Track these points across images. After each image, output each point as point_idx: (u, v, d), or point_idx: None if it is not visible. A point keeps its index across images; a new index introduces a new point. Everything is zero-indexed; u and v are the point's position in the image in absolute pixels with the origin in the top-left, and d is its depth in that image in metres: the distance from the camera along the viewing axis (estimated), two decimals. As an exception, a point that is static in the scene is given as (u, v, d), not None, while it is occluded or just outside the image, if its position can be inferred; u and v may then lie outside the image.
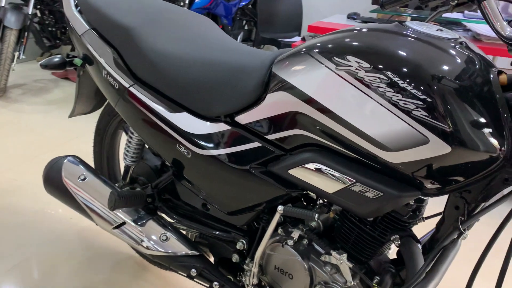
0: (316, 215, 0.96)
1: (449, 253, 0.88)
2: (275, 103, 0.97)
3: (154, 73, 1.17)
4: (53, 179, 1.40)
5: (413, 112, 0.77)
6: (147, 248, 1.25)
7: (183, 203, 1.30)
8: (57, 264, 1.71)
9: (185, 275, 1.23)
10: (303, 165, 0.94)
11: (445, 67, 0.77)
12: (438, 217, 0.97)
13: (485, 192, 0.86)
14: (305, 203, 1.15)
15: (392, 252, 1.09)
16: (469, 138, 0.75)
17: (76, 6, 1.39)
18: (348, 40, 0.86)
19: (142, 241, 1.26)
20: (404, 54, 0.79)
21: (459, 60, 0.79)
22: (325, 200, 1.12)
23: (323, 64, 0.87)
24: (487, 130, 0.75)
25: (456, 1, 0.96)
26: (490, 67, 0.82)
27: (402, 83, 0.77)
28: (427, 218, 0.99)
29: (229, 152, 1.07)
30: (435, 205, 1.09)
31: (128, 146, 1.38)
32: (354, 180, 0.87)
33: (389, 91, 0.78)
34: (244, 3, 3.99)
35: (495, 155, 0.76)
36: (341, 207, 0.96)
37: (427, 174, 0.81)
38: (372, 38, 0.84)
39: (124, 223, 1.28)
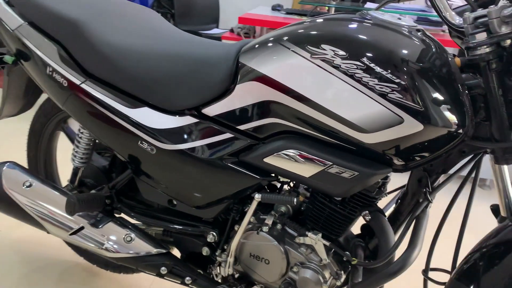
0: (295, 199, 1.00)
1: (423, 221, 0.97)
2: (245, 94, 0.98)
3: (109, 68, 1.11)
4: (-9, 189, 1.27)
5: (389, 95, 0.83)
6: (111, 251, 1.19)
7: (145, 202, 1.27)
8: (-7, 282, 1.56)
9: (155, 274, 1.20)
10: (279, 152, 0.97)
11: (413, 53, 0.84)
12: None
13: (445, 165, 0.96)
14: (268, 190, 1.18)
15: (354, 228, 1.16)
16: (438, 116, 0.83)
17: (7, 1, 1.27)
18: (320, 29, 0.90)
19: (104, 244, 1.20)
20: (378, 41, 0.84)
21: (423, 46, 0.86)
22: (291, 186, 1.16)
23: (297, 53, 0.90)
24: (451, 108, 0.84)
25: (404, -9, 1.04)
26: (445, 51, 0.91)
27: (377, 69, 0.83)
28: (389, 192, 1.07)
29: (198, 145, 1.06)
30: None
31: (77, 147, 1.30)
32: (331, 163, 0.92)
33: (365, 77, 0.83)
34: (155, -2, 3.89)
35: (458, 131, 0.85)
36: (317, 190, 1.01)
37: (399, 152, 0.88)
38: (343, 27, 0.89)
39: (82, 227, 1.21)
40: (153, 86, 1.08)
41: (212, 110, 1.04)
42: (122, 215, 1.29)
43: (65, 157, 1.53)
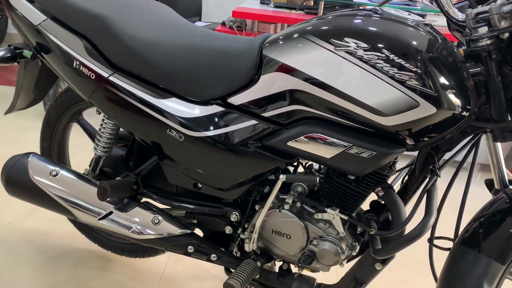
0: (317, 178, 1.11)
1: (434, 194, 1.10)
2: (270, 83, 1.08)
3: (137, 61, 1.18)
4: (18, 180, 1.33)
5: (407, 82, 0.94)
6: (140, 233, 1.27)
7: (168, 186, 1.35)
8: (12, 273, 1.61)
9: (182, 253, 1.28)
10: (302, 136, 1.07)
11: (426, 44, 0.96)
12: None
13: (450, 144, 1.08)
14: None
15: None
16: (448, 100, 0.95)
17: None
18: (343, 24, 1.00)
19: (133, 227, 1.28)
20: (396, 35, 0.95)
21: (432, 38, 0.98)
22: (306, 166, 1.26)
23: (321, 46, 1.00)
24: (459, 93, 0.96)
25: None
26: (450, 43, 1.03)
27: (397, 59, 0.94)
28: (397, 171, 1.20)
29: (224, 132, 1.15)
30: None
31: (100, 136, 1.36)
32: (351, 144, 1.03)
33: (386, 66, 0.94)
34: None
35: (464, 113, 0.98)
36: (337, 169, 1.11)
37: (412, 133, 1.00)
38: (363, 22, 0.99)
39: (111, 212, 1.28)
40: (181, 78, 1.16)
41: (237, 99, 1.13)
42: (147, 199, 1.36)
43: (74, 149, 1.59)
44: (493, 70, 0.97)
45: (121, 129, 1.40)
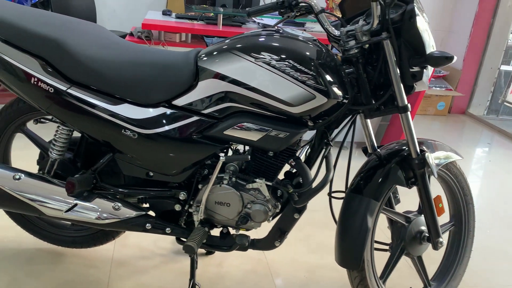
0: (249, 156, 1.47)
1: (330, 158, 1.53)
2: (207, 87, 1.42)
3: (92, 75, 1.43)
4: (-18, 188, 1.49)
5: (307, 81, 1.35)
6: (105, 219, 1.52)
7: (118, 178, 1.61)
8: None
9: (141, 230, 1.56)
10: (234, 126, 1.43)
11: (317, 54, 1.38)
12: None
13: (336, 123, 1.53)
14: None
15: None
16: (334, 92, 1.38)
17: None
18: (258, 41, 1.38)
19: (96, 215, 1.52)
20: (297, 48, 1.36)
21: (320, 49, 1.40)
22: (235, 150, 1.62)
23: (245, 58, 1.36)
24: (340, 87, 1.40)
25: (299, 13, 1.58)
26: (331, 52, 1.46)
27: (298, 66, 1.34)
28: (302, 146, 1.62)
29: (171, 128, 1.46)
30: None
31: (56, 141, 1.57)
32: (271, 128, 1.42)
33: (292, 71, 1.34)
34: (35, 1, 3.89)
35: (344, 101, 1.42)
36: (262, 149, 1.49)
37: (311, 117, 1.42)
38: (273, 39, 1.38)
39: (76, 205, 1.51)
40: (131, 87, 1.44)
41: (181, 101, 1.45)
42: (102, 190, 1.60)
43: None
44: (360, 69, 1.42)
45: None
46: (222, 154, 1.52)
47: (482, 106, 4.90)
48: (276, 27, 1.50)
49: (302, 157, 1.63)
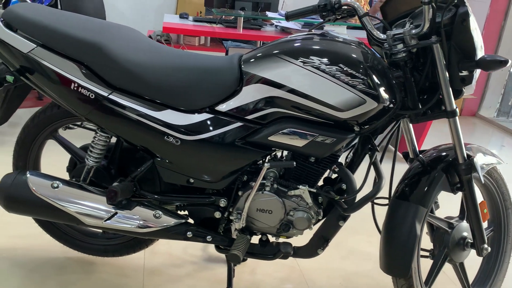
0: (294, 163, 1.44)
1: (378, 164, 1.50)
2: (252, 93, 1.39)
3: (134, 81, 1.40)
4: (20, 197, 1.45)
5: (357, 86, 1.32)
6: (146, 227, 1.48)
7: (154, 186, 1.57)
8: (-5, 287, 1.67)
9: (182, 239, 1.52)
10: (279, 132, 1.40)
11: (366, 58, 1.35)
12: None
13: (382, 128, 1.50)
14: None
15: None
16: (384, 96, 1.35)
17: (8, 26, 1.43)
18: (307, 45, 1.35)
19: (138, 223, 1.48)
20: (347, 52, 1.33)
21: (368, 52, 1.38)
22: (275, 154, 1.58)
23: (293, 63, 1.33)
24: (390, 91, 1.37)
25: (340, 16, 1.55)
26: (378, 55, 1.43)
27: (349, 70, 1.31)
28: (345, 150, 1.59)
29: (215, 134, 1.43)
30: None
31: (93, 148, 1.53)
32: (317, 134, 1.39)
33: (342, 75, 1.32)
34: (46, 3, 3.85)
35: (393, 105, 1.39)
36: (307, 155, 1.45)
37: (359, 122, 1.39)
38: (322, 43, 1.35)
39: (116, 213, 1.47)
40: (174, 93, 1.41)
41: (224, 107, 1.41)
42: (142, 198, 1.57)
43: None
44: (408, 73, 1.39)
45: None
46: (266, 160, 1.49)
47: (493, 108, 4.90)
48: (323, 32, 1.47)
49: (344, 163, 1.61)
